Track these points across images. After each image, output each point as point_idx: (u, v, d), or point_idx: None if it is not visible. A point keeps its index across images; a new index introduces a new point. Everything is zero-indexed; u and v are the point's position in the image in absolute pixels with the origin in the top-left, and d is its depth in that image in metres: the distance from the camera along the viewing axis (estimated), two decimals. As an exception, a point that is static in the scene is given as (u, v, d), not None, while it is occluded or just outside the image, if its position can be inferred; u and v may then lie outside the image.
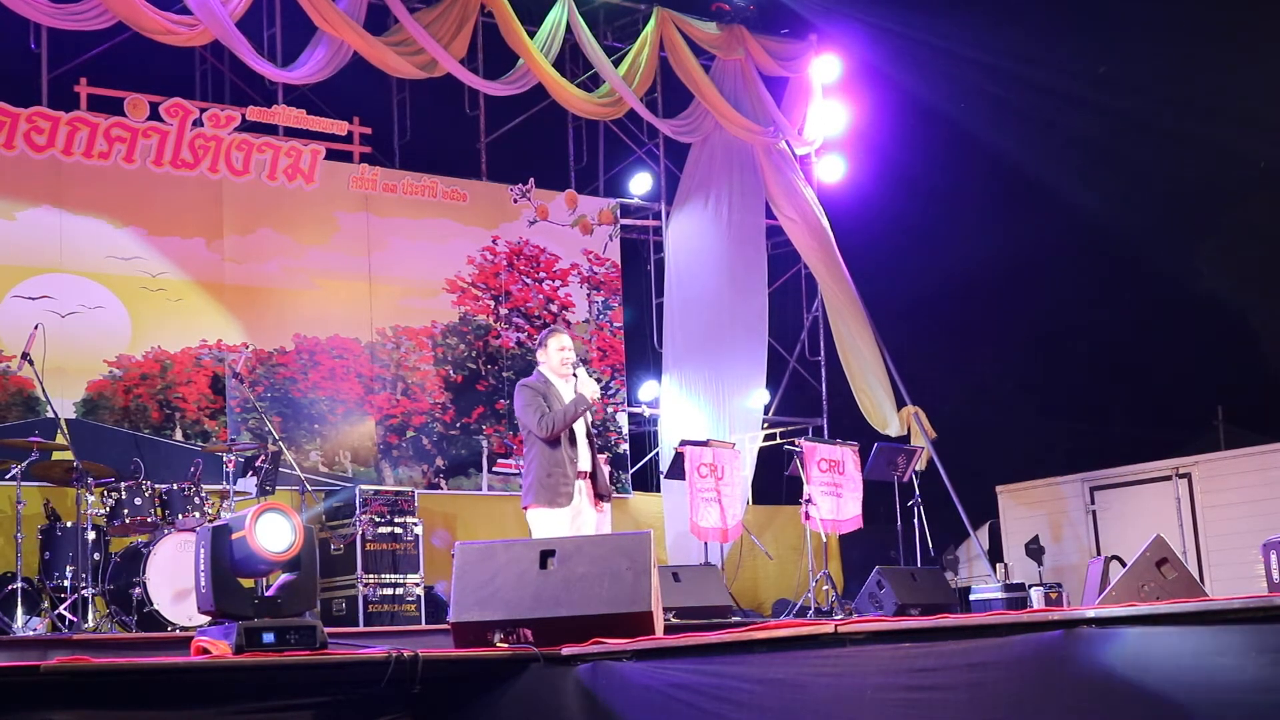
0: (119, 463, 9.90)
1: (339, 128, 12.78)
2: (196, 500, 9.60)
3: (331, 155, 12.73)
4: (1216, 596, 6.71)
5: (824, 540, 12.18)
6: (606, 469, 12.51)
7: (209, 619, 5.97)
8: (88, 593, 9.00)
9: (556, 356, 8.09)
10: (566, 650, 5.58)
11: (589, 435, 8.08)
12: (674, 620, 9.65)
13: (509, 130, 13.93)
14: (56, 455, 9.46)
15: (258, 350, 12.12)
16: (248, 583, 6.01)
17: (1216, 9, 13.24)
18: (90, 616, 8.98)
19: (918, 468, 12.88)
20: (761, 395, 14.60)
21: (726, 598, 11.21)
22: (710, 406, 14.25)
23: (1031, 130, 14.50)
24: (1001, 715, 4.43)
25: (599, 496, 8.00)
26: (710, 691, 5.06)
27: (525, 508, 7.95)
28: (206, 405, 11.80)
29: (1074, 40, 14.09)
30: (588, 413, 8.02)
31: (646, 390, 14.67)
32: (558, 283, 13.96)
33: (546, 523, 7.79)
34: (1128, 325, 14.24)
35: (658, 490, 14.06)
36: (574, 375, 8.01)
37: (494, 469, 13.06)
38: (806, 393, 15.20)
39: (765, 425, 14.68)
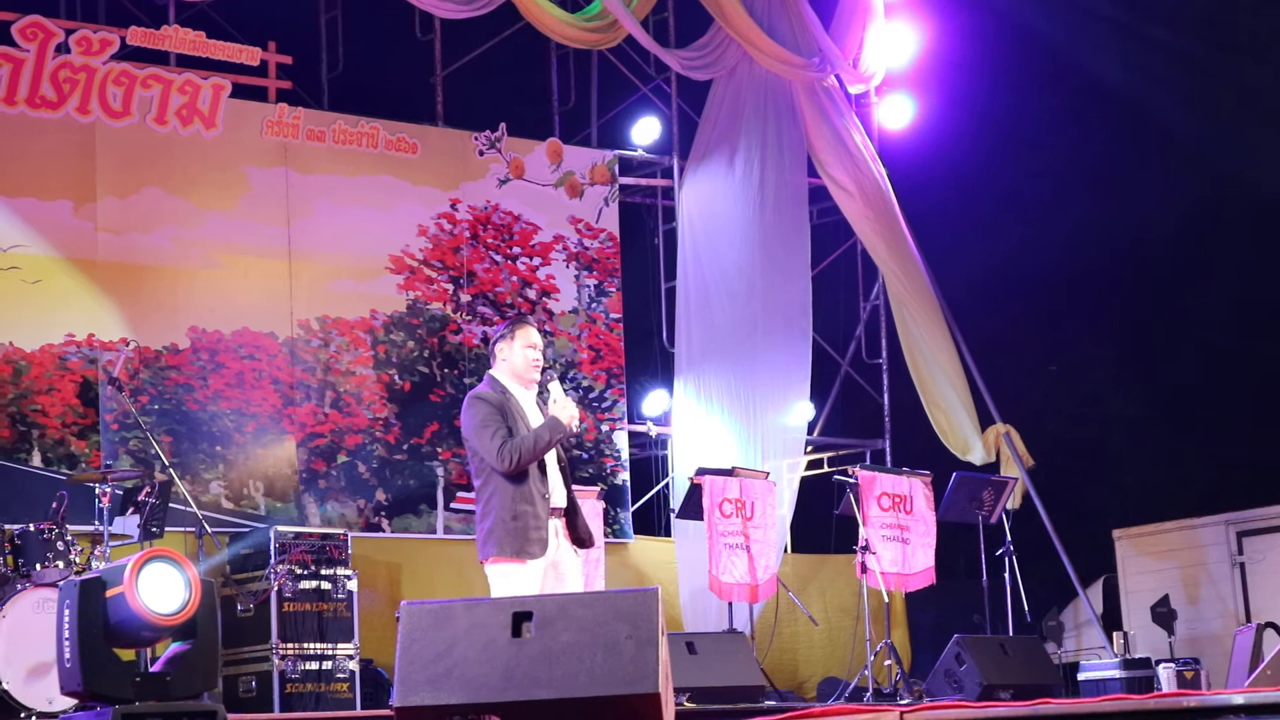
0: (-43, 496, 9.91)
1: (249, 56, 12.77)
2: (60, 546, 9.54)
3: (239, 92, 12.73)
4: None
5: (885, 600, 12.18)
6: (600, 504, 12.68)
7: (75, 702, 5.97)
8: (-84, 667, 9.00)
9: (522, 357, 7.88)
10: (547, 745, 5.59)
11: (560, 460, 7.93)
12: (689, 705, 9.67)
13: (473, 61, 13.94)
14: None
15: (142, 348, 12.12)
16: (127, 654, 6.03)
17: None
18: (-80, 698, 8.98)
19: (1009, 505, 12.89)
20: (804, 410, 14.60)
21: (758, 675, 11.25)
22: (737, 424, 14.25)
23: (1158, 62, 14.49)
24: (1121, 832, 4.44)
25: (579, 541, 7.91)
26: (736, 800, 5.07)
27: (484, 561, 7.86)
28: (73, 420, 11.80)
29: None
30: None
31: (653, 403, 14.67)
32: (537, 260, 13.96)
33: (514, 579, 7.68)
34: (1283, 318, 14.24)
35: (668, 534, 14.10)
36: (545, 389, 7.88)
37: (452, 504, 13.06)
38: (864, 406, 15.20)
39: (809, 449, 14.69)
